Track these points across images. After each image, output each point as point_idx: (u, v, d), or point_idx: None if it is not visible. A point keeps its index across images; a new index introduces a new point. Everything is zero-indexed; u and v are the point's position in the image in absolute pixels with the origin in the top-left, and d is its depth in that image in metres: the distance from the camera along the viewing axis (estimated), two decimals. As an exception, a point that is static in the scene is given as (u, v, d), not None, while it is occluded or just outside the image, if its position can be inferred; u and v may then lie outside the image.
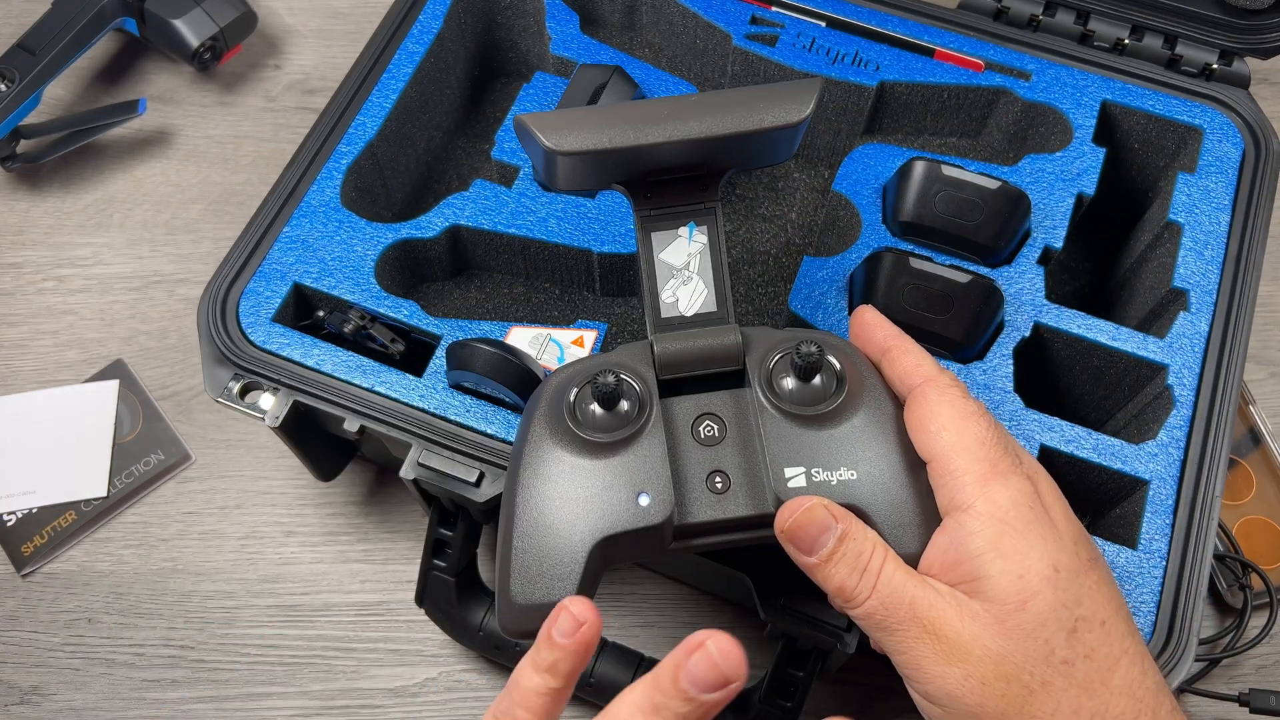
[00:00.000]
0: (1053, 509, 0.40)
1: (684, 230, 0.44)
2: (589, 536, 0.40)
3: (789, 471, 0.40)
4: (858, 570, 0.38)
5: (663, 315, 0.44)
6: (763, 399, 0.42)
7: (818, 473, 0.40)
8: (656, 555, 0.42)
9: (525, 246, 0.59)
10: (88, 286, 0.72)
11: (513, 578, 0.40)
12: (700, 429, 0.42)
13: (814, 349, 0.41)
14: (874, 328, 0.44)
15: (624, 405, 0.42)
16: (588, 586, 0.40)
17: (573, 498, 0.40)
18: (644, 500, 0.40)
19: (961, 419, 0.39)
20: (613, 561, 0.42)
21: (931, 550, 0.39)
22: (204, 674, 0.61)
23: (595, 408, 0.41)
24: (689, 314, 0.44)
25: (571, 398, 0.42)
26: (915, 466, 0.41)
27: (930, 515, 0.40)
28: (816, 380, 0.42)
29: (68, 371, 0.69)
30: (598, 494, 0.40)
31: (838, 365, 0.42)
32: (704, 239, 0.44)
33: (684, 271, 0.44)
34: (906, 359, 0.42)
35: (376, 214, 0.62)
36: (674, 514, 0.40)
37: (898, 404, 0.42)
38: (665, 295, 0.44)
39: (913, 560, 0.39)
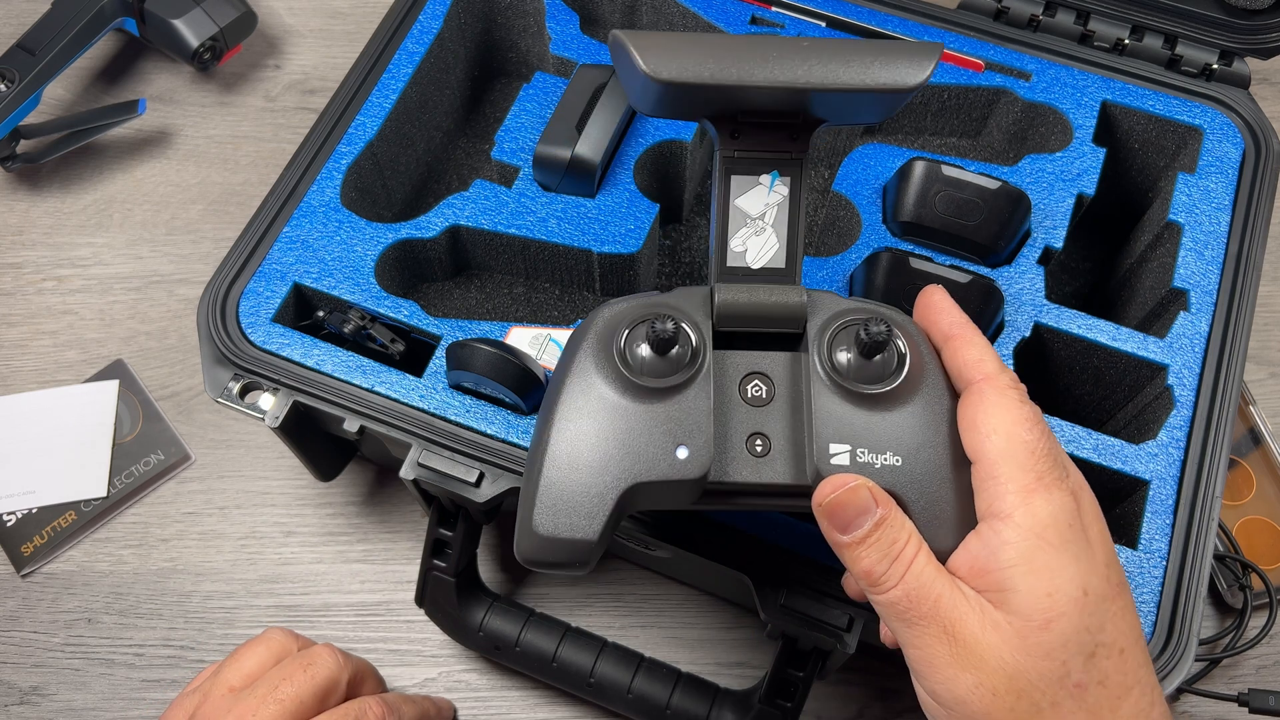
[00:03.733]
0: (1091, 529, 0.39)
1: (765, 179, 0.42)
2: (621, 480, 0.39)
3: (834, 448, 0.39)
4: (889, 558, 0.38)
5: (729, 264, 0.42)
6: (819, 368, 0.40)
7: (863, 453, 0.39)
8: (683, 506, 0.41)
9: (525, 246, 0.59)
10: (88, 286, 0.72)
11: (537, 507, 0.39)
12: (748, 388, 0.41)
13: (883, 328, 0.39)
14: (941, 311, 0.42)
15: (676, 351, 0.40)
16: (610, 528, 0.40)
17: (610, 438, 0.39)
18: (682, 453, 0.39)
19: (1014, 424, 0.38)
20: (638, 507, 0.41)
21: (962, 552, 0.39)
22: (204, 674, 0.61)
23: (646, 350, 0.40)
24: (755, 267, 0.42)
25: (623, 338, 0.40)
26: (960, 464, 0.40)
27: (967, 515, 0.39)
28: (878, 359, 0.40)
29: (68, 371, 0.69)
30: (636, 438, 0.39)
31: (902, 347, 0.41)
32: (785, 191, 0.42)
33: (758, 221, 0.42)
34: (969, 351, 0.41)
35: (376, 214, 0.62)
36: (710, 471, 0.39)
37: (954, 396, 0.41)
38: (734, 244, 0.42)
39: (942, 557, 0.39)
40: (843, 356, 0.41)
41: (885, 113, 0.41)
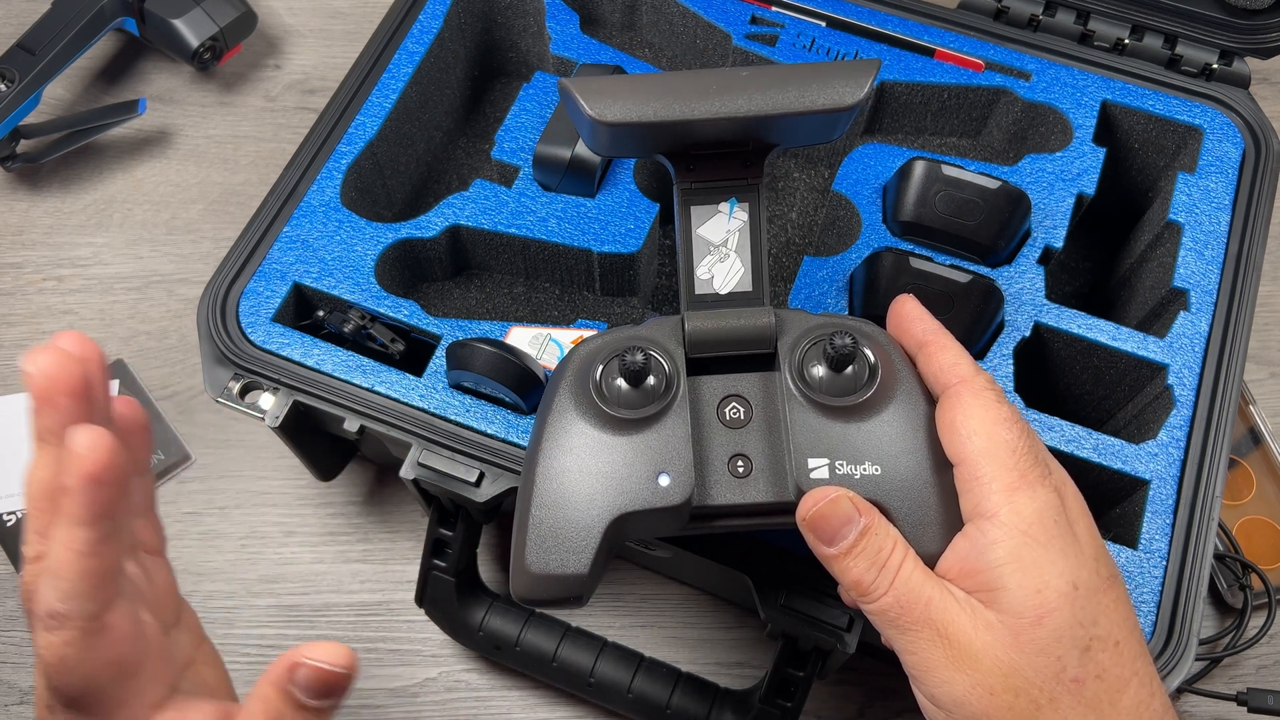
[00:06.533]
0: (1077, 523, 0.39)
1: (724, 206, 0.43)
2: (606, 512, 0.40)
3: (812, 462, 0.40)
4: (876, 566, 0.38)
5: (696, 292, 0.43)
6: (792, 386, 0.41)
7: (841, 465, 0.40)
8: (673, 533, 0.42)
9: (525, 246, 0.59)
10: (88, 286, 0.72)
11: (528, 546, 0.40)
12: (726, 410, 0.42)
13: (848, 341, 0.40)
14: (913, 320, 0.43)
15: (650, 381, 0.41)
16: (602, 560, 0.40)
17: (593, 472, 0.40)
18: (664, 480, 0.40)
19: (994, 424, 0.39)
20: (629, 537, 0.42)
21: (950, 555, 0.39)
22: (204, 674, 0.61)
23: (621, 383, 0.41)
24: (723, 292, 0.43)
25: (598, 372, 0.41)
26: (942, 467, 0.40)
27: (953, 518, 0.39)
28: (848, 370, 0.41)
29: (68, 371, 0.69)
30: (618, 470, 0.40)
31: (871, 357, 0.41)
32: (744, 216, 0.43)
33: (721, 248, 0.43)
34: (943, 356, 0.41)
35: (376, 214, 0.62)
36: (693, 496, 0.40)
37: (930, 401, 0.41)
38: (700, 271, 0.43)
39: (930, 561, 0.39)
40: (814, 372, 0.41)
41: (832, 132, 0.42)
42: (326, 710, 0.36)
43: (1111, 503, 0.54)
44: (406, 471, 0.51)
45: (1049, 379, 0.58)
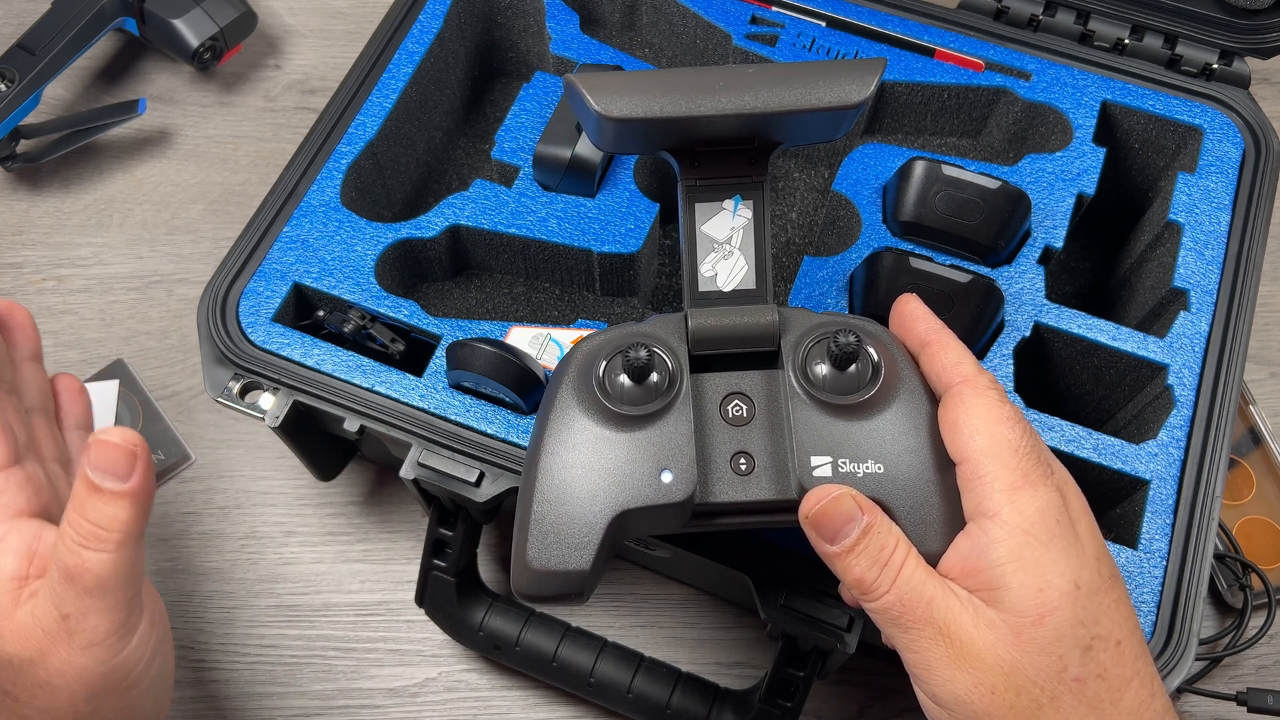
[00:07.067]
0: (1079, 523, 0.39)
1: (729, 203, 0.43)
2: (609, 509, 0.40)
3: (815, 460, 0.40)
4: (879, 564, 0.38)
5: (700, 289, 0.43)
6: (795, 384, 0.41)
7: (844, 464, 0.40)
8: (674, 530, 0.42)
9: (525, 246, 0.59)
10: (88, 286, 0.72)
11: (530, 542, 0.40)
12: (729, 408, 0.42)
13: (852, 339, 0.40)
14: (916, 319, 0.43)
15: (653, 378, 0.41)
16: (603, 556, 0.40)
17: (595, 468, 0.40)
18: (666, 477, 0.40)
19: (996, 424, 0.39)
20: (630, 534, 0.42)
21: (952, 554, 0.39)
22: (204, 674, 0.61)
23: (624, 379, 0.41)
24: (727, 290, 0.43)
25: (601, 369, 0.41)
26: (944, 466, 0.40)
27: (955, 517, 0.40)
28: (851, 369, 0.41)
29: (68, 371, 0.69)
30: (621, 467, 0.40)
31: (875, 356, 0.41)
32: (749, 214, 0.43)
33: (725, 246, 0.43)
34: (946, 355, 0.41)
35: (376, 214, 0.62)
36: (695, 493, 0.40)
37: (933, 400, 0.42)
38: (704, 269, 0.43)
39: (932, 560, 0.39)
40: (818, 370, 0.42)
41: (837, 130, 0.42)
42: (122, 496, 0.39)
43: (1111, 503, 0.54)
44: (406, 471, 0.51)
45: (1049, 379, 0.58)
